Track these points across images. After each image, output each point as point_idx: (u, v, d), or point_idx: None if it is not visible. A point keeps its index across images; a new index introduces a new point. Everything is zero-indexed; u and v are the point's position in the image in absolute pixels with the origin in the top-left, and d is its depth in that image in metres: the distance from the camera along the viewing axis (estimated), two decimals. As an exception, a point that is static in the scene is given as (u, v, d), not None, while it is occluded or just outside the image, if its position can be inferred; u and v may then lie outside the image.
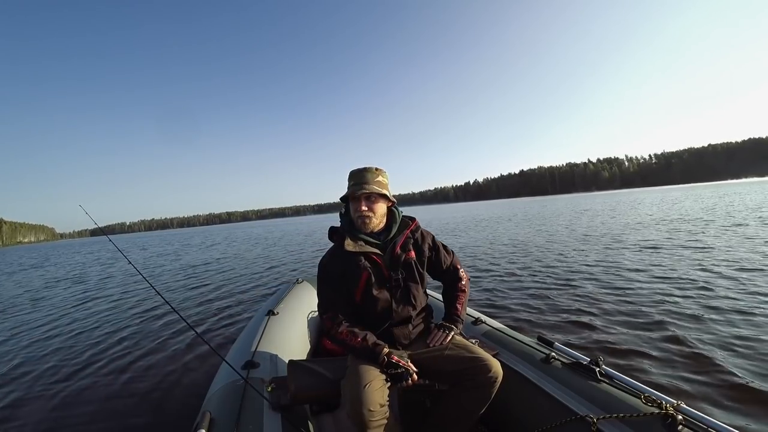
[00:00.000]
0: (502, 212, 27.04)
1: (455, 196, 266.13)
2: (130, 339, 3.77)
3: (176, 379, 2.73)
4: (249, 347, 1.70)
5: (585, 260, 5.88)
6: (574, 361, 1.35)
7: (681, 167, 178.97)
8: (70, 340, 3.92)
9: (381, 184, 1.41)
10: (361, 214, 1.38)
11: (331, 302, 1.38)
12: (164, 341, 3.59)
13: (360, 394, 1.10)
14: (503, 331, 1.74)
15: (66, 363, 3.24)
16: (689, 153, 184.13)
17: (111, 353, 3.39)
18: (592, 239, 8.29)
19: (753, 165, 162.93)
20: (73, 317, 5.06)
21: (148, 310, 4.99)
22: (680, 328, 2.82)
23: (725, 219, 10.15)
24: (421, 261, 1.46)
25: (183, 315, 1.30)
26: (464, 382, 1.25)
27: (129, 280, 8.26)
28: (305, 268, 8.09)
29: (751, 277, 4.02)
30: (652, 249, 6.36)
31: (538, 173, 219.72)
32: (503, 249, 8.03)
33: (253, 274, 7.60)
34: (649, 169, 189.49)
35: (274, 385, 1.33)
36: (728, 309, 3.12)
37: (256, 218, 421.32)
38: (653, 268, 4.91)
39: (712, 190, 44.80)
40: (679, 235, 7.72)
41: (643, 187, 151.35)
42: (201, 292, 6.13)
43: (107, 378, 2.85)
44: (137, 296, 6.15)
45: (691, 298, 3.52)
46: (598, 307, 3.49)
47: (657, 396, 1.08)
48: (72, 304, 6.04)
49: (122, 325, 4.33)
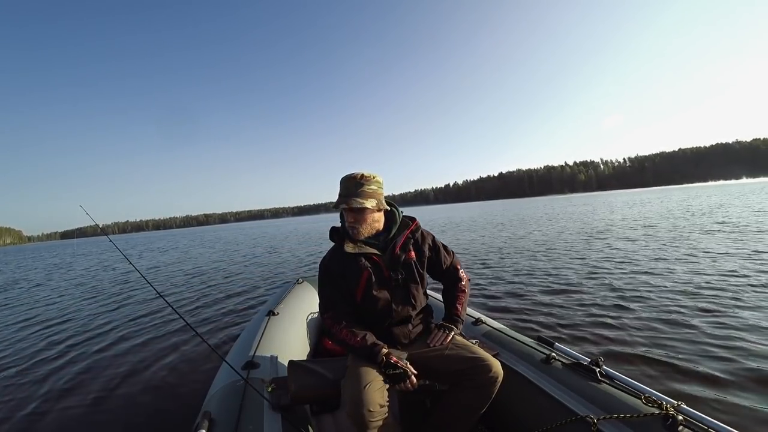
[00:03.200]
0: (480, 214, 27.50)
1: (435, 197, 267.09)
2: (130, 339, 3.77)
3: (176, 379, 2.73)
4: (249, 347, 1.71)
5: (585, 260, 5.88)
6: (575, 362, 1.35)
7: (654, 170, 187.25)
8: (69, 341, 3.92)
9: (365, 194, 1.35)
10: (348, 224, 1.39)
11: (331, 302, 1.38)
12: (164, 341, 3.59)
13: (360, 394, 1.10)
14: (503, 331, 1.74)
15: (66, 363, 3.24)
16: (661, 157, 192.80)
17: (111, 353, 3.40)
18: (592, 239, 8.29)
19: (720, 169, 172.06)
20: (72, 318, 5.06)
21: (148, 310, 4.99)
22: (680, 328, 2.82)
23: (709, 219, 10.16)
24: (421, 261, 1.46)
25: (183, 315, 1.30)
26: (464, 382, 1.25)
27: (129, 280, 8.26)
28: (305, 268, 8.10)
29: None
30: (652, 249, 6.36)
31: (517, 176, 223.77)
32: (502, 249, 8.03)
33: (253, 275, 7.60)
34: (624, 171, 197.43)
35: (275, 386, 1.33)
36: (732, 310, 3.12)
37: (234, 220, 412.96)
38: (653, 268, 4.91)
39: (685, 191, 45.43)
40: (680, 236, 7.72)
41: (618, 189, 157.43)
42: (201, 292, 6.13)
43: (107, 378, 2.84)
44: (137, 296, 6.15)
45: (692, 298, 3.52)
46: (599, 307, 3.49)
47: (657, 396, 1.08)
48: (72, 304, 6.05)
49: (122, 326, 4.33)
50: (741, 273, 4.23)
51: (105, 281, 8.64)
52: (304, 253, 11.21)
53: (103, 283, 8.26)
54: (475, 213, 30.66)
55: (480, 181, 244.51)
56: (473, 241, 10.25)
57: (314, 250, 11.73)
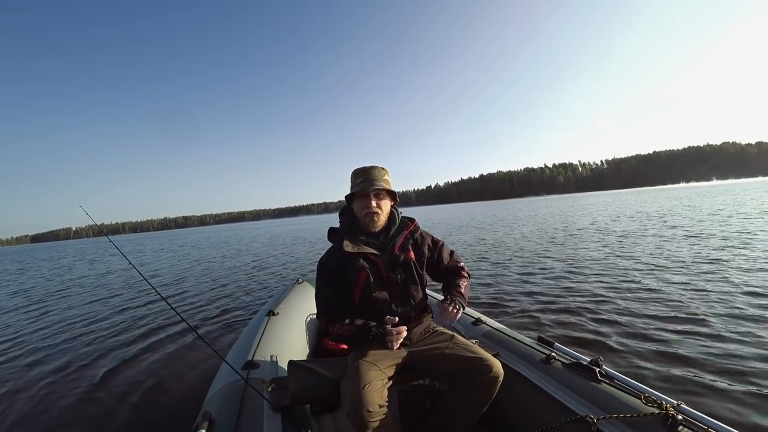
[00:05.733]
0: (463, 215, 27.74)
1: (417, 199, 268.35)
2: (130, 339, 3.78)
3: (176, 380, 2.73)
4: (249, 347, 1.70)
5: (584, 260, 5.88)
6: (575, 362, 1.35)
7: (630, 172, 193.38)
8: (69, 341, 3.93)
9: (387, 183, 1.41)
10: (369, 210, 1.37)
11: (329, 302, 1.38)
12: (164, 342, 3.59)
13: (360, 394, 1.10)
14: (503, 331, 1.74)
15: (66, 364, 3.24)
16: (637, 159, 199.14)
17: (111, 354, 3.40)
18: (590, 239, 8.29)
19: (692, 171, 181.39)
20: (72, 318, 5.06)
21: (148, 310, 4.99)
22: (682, 328, 2.83)
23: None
24: (421, 261, 1.46)
25: (183, 316, 1.30)
26: (465, 382, 1.25)
27: (128, 280, 8.26)
28: (305, 268, 8.09)
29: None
30: (651, 249, 6.36)
31: (497, 177, 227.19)
32: (500, 250, 8.03)
33: (253, 275, 7.60)
34: (601, 173, 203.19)
35: (275, 386, 1.33)
36: (732, 310, 3.12)
37: (214, 223, 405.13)
38: (653, 268, 4.91)
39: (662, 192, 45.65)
40: (682, 235, 7.72)
41: (596, 191, 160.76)
42: (201, 292, 6.14)
43: (107, 378, 2.85)
44: (137, 297, 6.15)
45: (694, 299, 3.52)
46: (599, 307, 3.49)
47: (657, 396, 1.08)
48: (71, 305, 6.05)
49: (122, 326, 4.33)
50: (749, 274, 4.23)
51: (105, 281, 8.64)
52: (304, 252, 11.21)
53: (102, 284, 8.26)
54: (459, 213, 30.81)
55: (461, 182, 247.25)
56: (462, 241, 10.26)
57: (314, 250, 11.73)
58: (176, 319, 4.22)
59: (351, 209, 1.47)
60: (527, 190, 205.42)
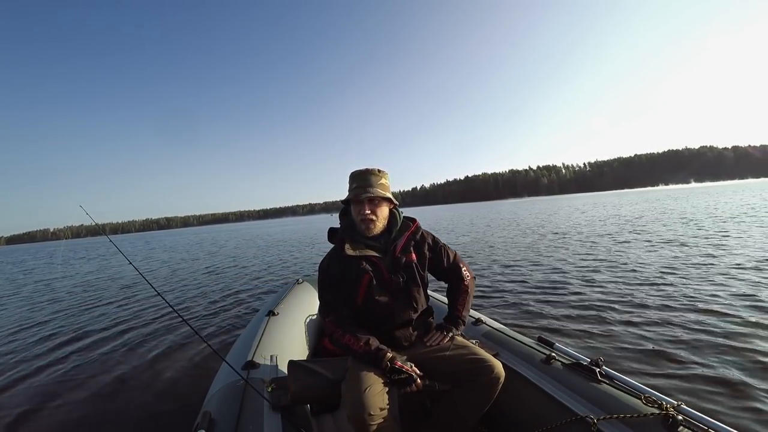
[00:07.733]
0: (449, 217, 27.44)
1: (402, 200, 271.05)
2: (130, 339, 3.77)
3: (176, 380, 2.73)
4: (249, 347, 1.70)
5: (584, 261, 5.88)
6: (575, 362, 1.35)
7: (612, 175, 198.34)
8: (69, 341, 3.92)
9: (384, 187, 1.39)
10: (364, 217, 1.35)
11: (332, 305, 1.37)
12: (164, 341, 3.58)
13: (360, 398, 1.10)
14: (503, 331, 1.73)
15: (66, 364, 3.24)
16: (619, 162, 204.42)
17: (111, 354, 3.39)
18: (589, 240, 8.29)
19: (671, 174, 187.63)
20: (72, 318, 5.06)
21: (148, 310, 4.98)
22: (681, 328, 2.82)
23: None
24: (422, 263, 1.45)
25: (183, 315, 1.30)
26: (465, 383, 1.25)
27: (128, 281, 8.25)
28: (305, 268, 8.09)
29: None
30: (650, 249, 6.36)
31: (482, 179, 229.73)
32: (499, 250, 8.03)
33: (253, 275, 7.60)
34: (584, 176, 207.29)
35: (275, 386, 1.33)
36: (732, 311, 3.12)
37: (197, 224, 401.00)
38: (653, 268, 4.91)
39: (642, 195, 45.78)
40: (682, 237, 7.71)
41: (579, 193, 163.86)
42: (201, 292, 6.13)
43: (107, 378, 2.84)
44: (136, 297, 6.14)
45: (693, 299, 3.52)
46: (599, 307, 3.49)
47: (657, 396, 1.08)
48: (71, 305, 6.04)
49: (122, 326, 4.33)
50: (754, 273, 4.24)
51: (103, 282, 8.63)
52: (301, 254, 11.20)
53: (101, 284, 8.25)
54: (446, 215, 30.65)
55: (447, 184, 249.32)
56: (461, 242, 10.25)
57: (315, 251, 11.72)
58: (176, 319, 4.22)
59: (350, 210, 1.46)
60: (511, 192, 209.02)
